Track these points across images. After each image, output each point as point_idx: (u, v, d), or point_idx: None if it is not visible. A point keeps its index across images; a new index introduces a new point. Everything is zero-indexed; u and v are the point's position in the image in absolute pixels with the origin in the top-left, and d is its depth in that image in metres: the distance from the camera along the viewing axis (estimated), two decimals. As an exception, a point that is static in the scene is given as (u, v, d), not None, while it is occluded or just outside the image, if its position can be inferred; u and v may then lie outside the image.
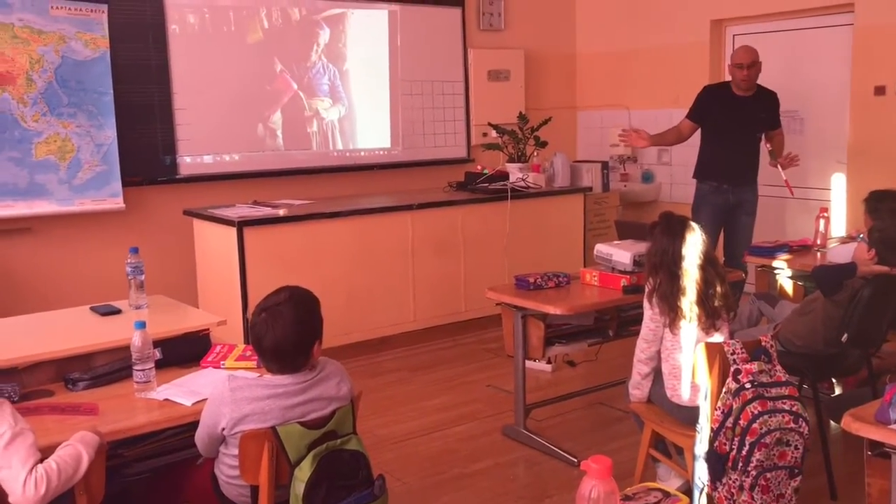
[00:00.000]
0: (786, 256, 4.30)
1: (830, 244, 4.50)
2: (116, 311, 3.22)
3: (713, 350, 2.75)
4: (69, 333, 3.00)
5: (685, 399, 3.03)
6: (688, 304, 3.01)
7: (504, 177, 5.89)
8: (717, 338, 3.01)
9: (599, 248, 3.91)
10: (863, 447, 2.23)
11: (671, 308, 3.03)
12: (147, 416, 2.42)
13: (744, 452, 2.60)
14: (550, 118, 5.99)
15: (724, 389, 2.69)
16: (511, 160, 5.97)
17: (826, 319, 3.41)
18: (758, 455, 2.58)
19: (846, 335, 3.35)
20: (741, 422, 2.61)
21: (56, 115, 4.90)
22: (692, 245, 3.06)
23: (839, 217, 5.65)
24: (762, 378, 2.69)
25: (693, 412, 2.88)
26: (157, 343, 2.70)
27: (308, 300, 2.37)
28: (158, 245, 5.21)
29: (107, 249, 5.12)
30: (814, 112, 5.90)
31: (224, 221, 4.84)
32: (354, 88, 6.17)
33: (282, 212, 5.05)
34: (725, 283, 3.11)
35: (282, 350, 2.29)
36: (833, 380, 4.13)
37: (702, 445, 2.73)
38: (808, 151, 5.75)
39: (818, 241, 4.51)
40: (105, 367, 2.71)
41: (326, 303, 2.46)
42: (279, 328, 2.27)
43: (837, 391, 4.14)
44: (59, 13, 4.87)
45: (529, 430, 3.89)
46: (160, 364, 2.68)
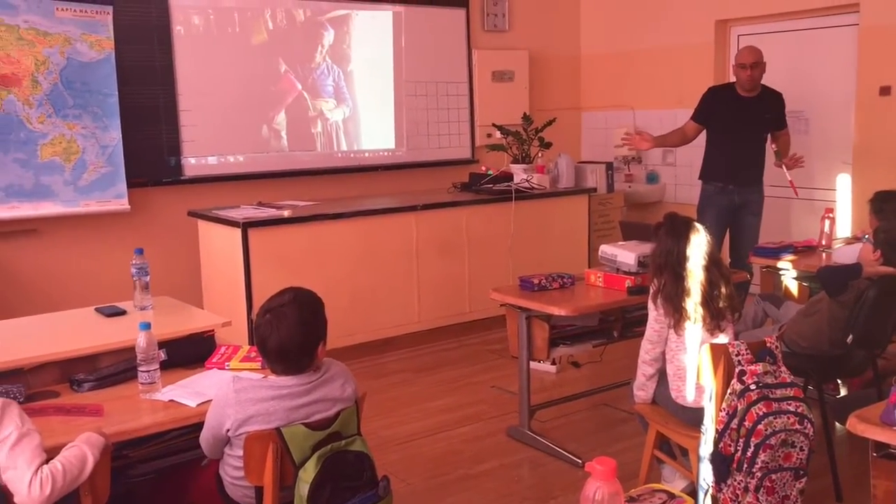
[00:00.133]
0: (791, 257, 4.29)
1: (836, 245, 4.49)
2: (121, 312, 3.22)
3: (718, 351, 2.75)
4: (74, 334, 3.01)
5: (690, 400, 3.03)
6: (692, 306, 3.01)
7: (508, 178, 5.89)
8: (722, 339, 3.01)
9: (604, 249, 3.90)
10: (868, 448, 2.22)
11: (676, 309, 3.02)
12: (152, 417, 2.42)
13: (749, 454, 2.59)
14: (555, 119, 5.99)
15: (729, 390, 2.68)
16: (515, 161, 5.97)
17: (831, 320, 3.40)
18: (763, 456, 2.58)
19: (851, 336, 3.34)
20: (746, 423, 2.61)
21: (61, 117, 4.91)
22: (697, 246, 3.05)
23: (844, 218, 5.64)
24: (767, 379, 2.68)
25: (698, 413, 2.88)
26: (162, 344, 2.70)
27: (312, 301, 2.38)
28: (163, 246, 5.22)
29: (112, 250, 5.13)
30: (819, 112, 5.88)
31: (228, 223, 4.85)
32: (359, 89, 6.17)
33: (286, 213, 5.05)
34: (730, 284, 3.10)
35: (286, 351, 2.30)
36: (838, 381, 4.12)
37: (707, 447, 2.73)
38: (814, 152, 5.74)
39: (823, 242, 4.50)
40: (110, 369, 2.72)
41: (330, 304, 2.47)
42: (283, 329, 2.27)
43: (843, 392, 4.13)
44: (65, 15, 4.88)
45: (534, 432, 3.89)
46: (165, 365, 2.69)
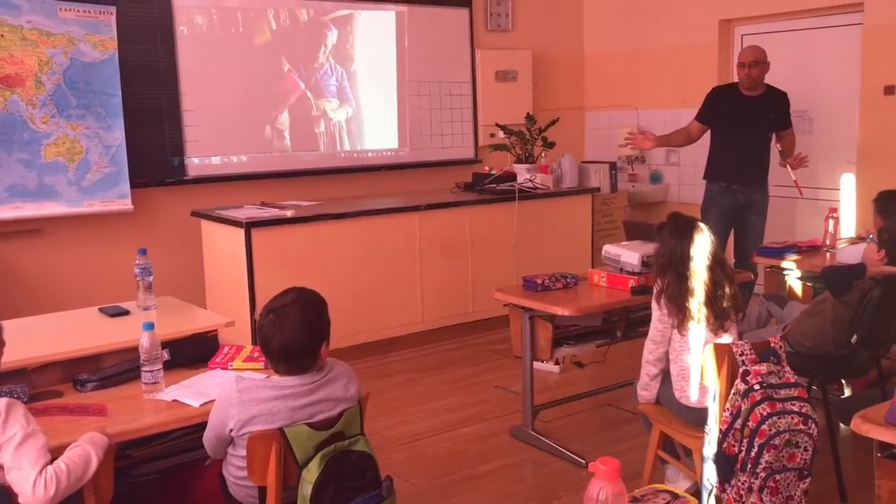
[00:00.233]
0: (795, 257, 4.28)
1: (840, 245, 4.48)
2: (125, 313, 3.23)
3: (722, 351, 2.74)
4: (78, 334, 3.01)
5: (693, 400, 3.02)
6: (696, 305, 3.00)
7: (512, 178, 5.88)
8: (726, 339, 3.00)
9: (607, 249, 3.90)
10: (872, 449, 2.22)
11: (679, 309, 3.02)
12: (155, 417, 2.42)
13: (752, 454, 2.59)
14: (558, 119, 5.99)
15: (733, 391, 2.68)
16: (519, 161, 5.97)
17: (835, 320, 3.39)
18: (767, 457, 2.57)
19: (856, 336, 3.34)
20: (750, 423, 2.60)
21: (65, 117, 4.92)
22: (700, 246, 3.04)
23: (849, 217, 5.62)
24: (771, 379, 2.68)
25: (701, 413, 2.87)
26: (166, 344, 2.70)
27: (315, 301, 2.37)
28: (166, 246, 5.23)
29: (115, 250, 5.14)
30: (823, 112, 5.87)
31: (232, 222, 4.85)
32: (362, 89, 6.17)
33: (289, 213, 5.05)
34: (734, 284, 3.10)
35: (289, 351, 2.30)
36: (842, 381, 4.11)
37: (710, 447, 2.72)
38: (818, 151, 5.72)
39: (827, 242, 4.49)
40: (113, 368, 2.72)
41: (334, 304, 2.47)
42: (287, 329, 2.27)
43: (847, 392, 4.12)
44: (68, 15, 4.89)
45: (537, 432, 3.88)
46: (168, 365, 2.68)
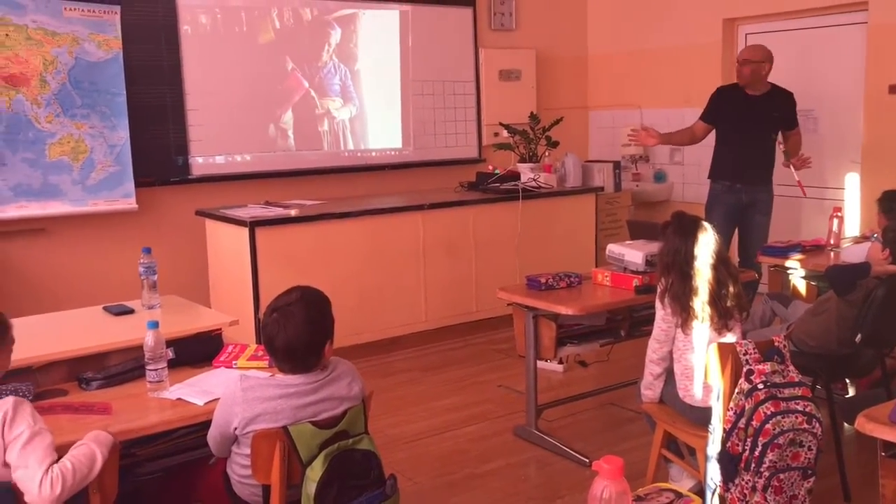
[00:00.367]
0: (799, 256, 4.27)
1: (844, 244, 4.47)
2: (129, 311, 3.24)
3: (725, 350, 2.74)
4: (83, 333, 3.02)
5: (697, 399, 3.02)
6: (700, 305, 3.00)
7: (515, 177, 5.88)
8: (730, 338, 3.00)
9: (611, 248, 3.90)
10: (877, 448, 2.21)
11: (683, 308, 3.02)
12: (160, 416, 2.43)
13: (756, 453, 2.58)
14: (562, 118, 5.98)
15: (737, 390, 2.68)
16: (522, 160, 5.97)
17: (840, 319, 3.39)
18: (771, 456, 2.57)
19: (860, 335, 3.33)
20: (754, 422, 2.60)
21: (69, 116, 4.93)
22: (704, 245, 3.04)
23: (853, 217, 5.62)
24: (775, 378, 2.68)
25: (705, 413, 2.87)
26: (170, 343, 2.71)
27: (319, 300, 2.38)
28: (171, 245, 5.24)
29: (120, 250, 5.15)
30: (827, 111, 5.86)
31: (236, 222, 4.86)
32: (366, 88, 6.17)
33: (293, 212, 5.06)
34: (738, 283, 3.10)
35: (293, 350, 2.30)
36: (846, 380, 4.10)
37: (714, 446, 2.72)
38: (822, 151, 5.71)
39: (832, 241, 4.49)
40: (118, 367, 2.72)
41: (337, 303, 2.47)
42: (291, 328, 2.28)
43: (851, 392, 4.12)
44: (73, 14, 4.90)
45: (541, 431, 3.88)
46: (173, 364, 2.69)
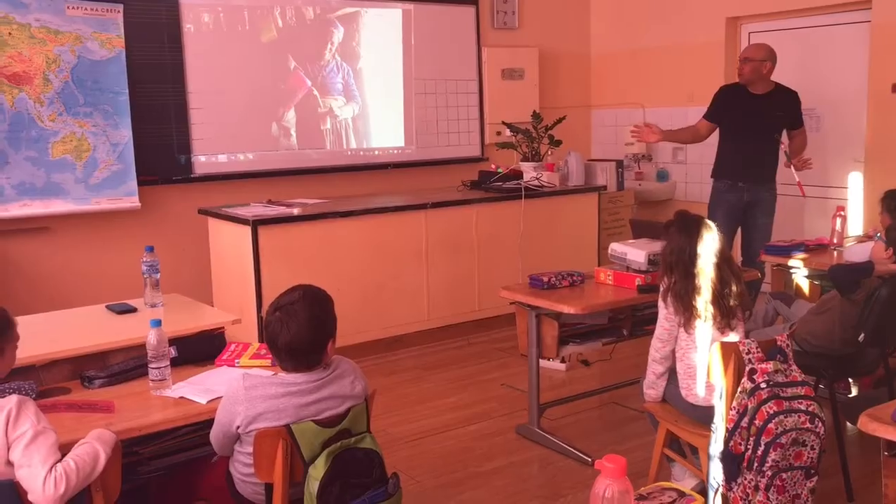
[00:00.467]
0: (802, 255, 4.27)
1: (847, 243, 4.47)
2: (132, 310, 3.24)
3: (728, 349, 2.74)
4: (86, 332, 3.02)
5: (700, 398, 3.02)
6: (703, 304, 3.00)
7: (518, 176, 5.88)
8: (733, 337, 3.00)
9: (614, 247, 3.89)
10: (879, 448, 2.21)
11: (686, 307, 3.01)
12: (162, 414, 2.43)
13: (759, 452, 2.58)
14: (565, 117, 5.97)
15: (740, 389, 2.68)
16: (525, 159, 5.96)
17: (843, 319, 3.38)
18: (773, 455, 2.57)
19: (863, 335, 3.33)
20: (756, 422, 2.60)
21: (72, 115, 4.94)
22: (707, 244, 3.04)
23: (856, 216, 5.61)
24: (778, 378, 2.67)
25: (708, 412, 2.87)
26: (173, 341, 2.71)
27: (322, 299, 2.38)
28: (174, 244, 5.25)
29: (122, 248, 5.15)
30: (831, 110, 5.85)
31: (239, 220, 4.86)
32: (368, 87, 6.18)
33: (296, 211, 5.06)
34: (741, 283, 3.09)
35: (296, 348, 2.30)
36: (850, 380, 4.10)
37: (717, 445, 2.72)
38: (825, 150, 5.71)
39: (835, 240, 4.48)
40: (121, 365, 2.73)
41: (340, 301, 2.47)
42: (293, 327, 2.28)
43: (854, 391, 4.11)
44: (76, 13, 4.91)
45: (543, 430, 3.88)
46: (175, 362, 2.70)
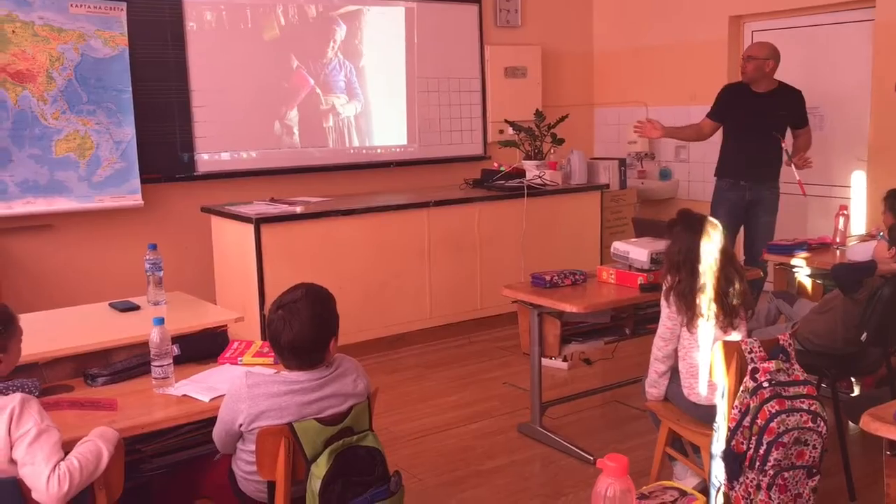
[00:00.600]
0: (805, 254, 4.26)
1: (850, 242, 4.46)
2: (135, 308, 3.24)
3: (731, 348, 2.74)
4: (88, 329, 3.03)
5: (702, 397, 3.02)
6: (705, 302, 3.00)
7: (521, 174, 5.88)
8: (735, 336, 3.00)
9: (616, 246, 3.89)
10: (882, 447, 2.21)
11: (689, 306, 3.01)
12: (165, 412, 2.44)
13: (761, 451, 2.58)
14: (567, 115, 5.97)
15: (742, 388, 2.67)
16: (528, 157, 5.96)
17: (845, 318, 3.38)
18: (775, 454, 2.57)
19: (865, 334, 3.32)
20: (758, 421, 2.60)
21: (76, 113, 4.94)
22: (711, 243, 3.04)
23: (859, 215, 5.60)
24: (780, 377, 2.67)
25: (710, 411, 2.87)
26: (175, 339, 2.72)
27: (324, 297, 2.38)
28: (176, 242, 5.25)
29: (125, 246, 5.16)
30: (834, 109, 5.84)
31: (241, 218, 4.86)
32: (371, 85, 6.18)
33: (299, 209, 5.06)
34: (744, 281, 3.09)
35: (298, 347, 2.30)
36: (852, 379, 4.10)
37: (719, 444, 2.72)
38: (828, 148, 5.70)
39: (837, 239, 4.47)
40: (124, 363, 2.73)
41: (343, 300, 2.47)
42: (296, 325, 2.28)
43: (856, 391, 4.11)
44: (79, 11, 4.91)
45: (545, 428, 3.89)
46: (178, 360, 2.70)
